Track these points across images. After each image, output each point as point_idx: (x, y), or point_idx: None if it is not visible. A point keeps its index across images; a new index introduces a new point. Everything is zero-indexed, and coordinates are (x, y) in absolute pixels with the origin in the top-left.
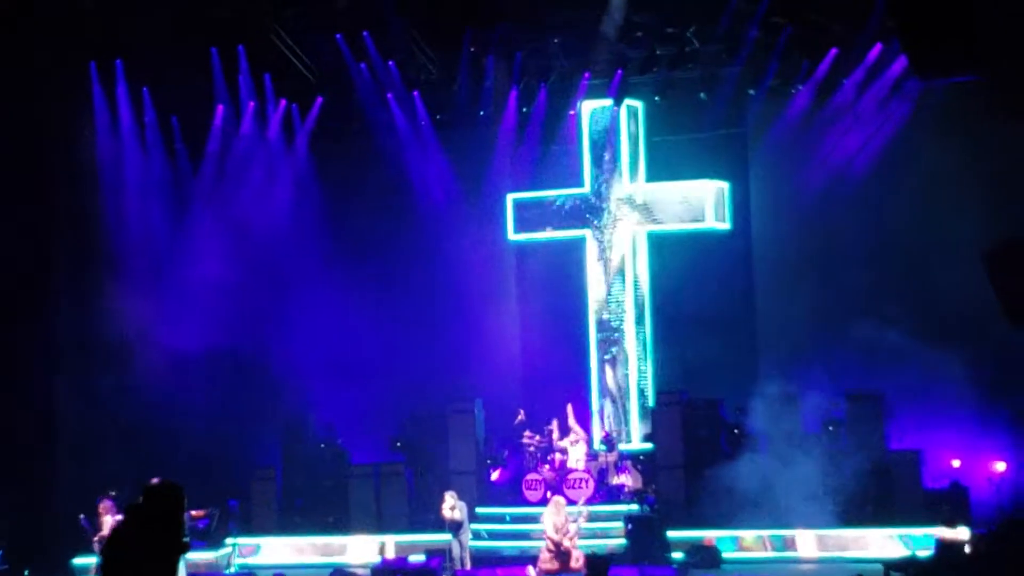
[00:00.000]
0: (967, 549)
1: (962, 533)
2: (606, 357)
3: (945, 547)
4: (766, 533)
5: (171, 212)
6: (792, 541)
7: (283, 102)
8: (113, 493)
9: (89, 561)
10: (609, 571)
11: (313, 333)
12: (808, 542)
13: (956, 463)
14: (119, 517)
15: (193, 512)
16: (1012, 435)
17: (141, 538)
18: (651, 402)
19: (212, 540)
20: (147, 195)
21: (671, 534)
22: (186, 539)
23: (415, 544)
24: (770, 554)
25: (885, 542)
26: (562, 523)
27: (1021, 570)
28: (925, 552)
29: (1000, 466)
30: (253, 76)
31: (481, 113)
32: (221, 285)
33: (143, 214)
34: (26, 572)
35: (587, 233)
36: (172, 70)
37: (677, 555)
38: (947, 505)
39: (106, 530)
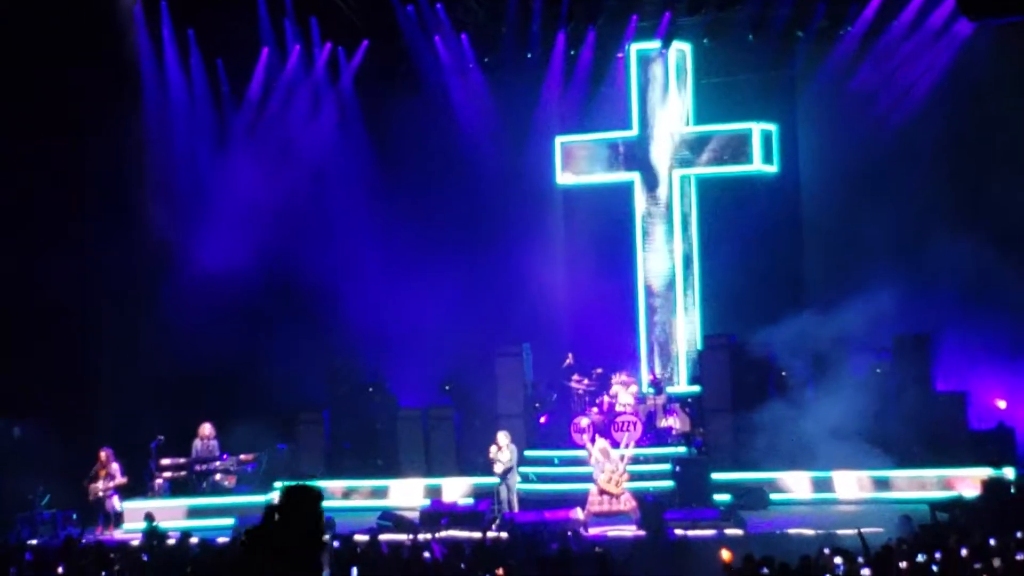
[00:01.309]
0: (1012, 490)
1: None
2: (654, 300)
3: (991, 488)
4: (813, 475)
5: (215, 151)
6: (839, 483)
7: (328, 45)
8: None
9: (134, 505)
10: (664, 516)
11: (359, 277)
12: (854, 483)
13: (1002, 404)
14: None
15: (241, 456)
16: None
17: (285, 537)
18: (699, 345)
19: (260, 484)
20: (193, 136)
21: (718, 476)
22: (326, 536)
23: (464, 487)
24: (817, 495)
25: (931, 483)
26: (611, 466)
27: None
28: (971, 493)
29: None
30: (299, 19)
31: (528, 56)
32: (266, 226)
33: (187, 153)
34: (73, 515)
35: (635, 176)
36: (218, 12)
37: (724, 497)
38: (993, 446)
39: (103, 473)
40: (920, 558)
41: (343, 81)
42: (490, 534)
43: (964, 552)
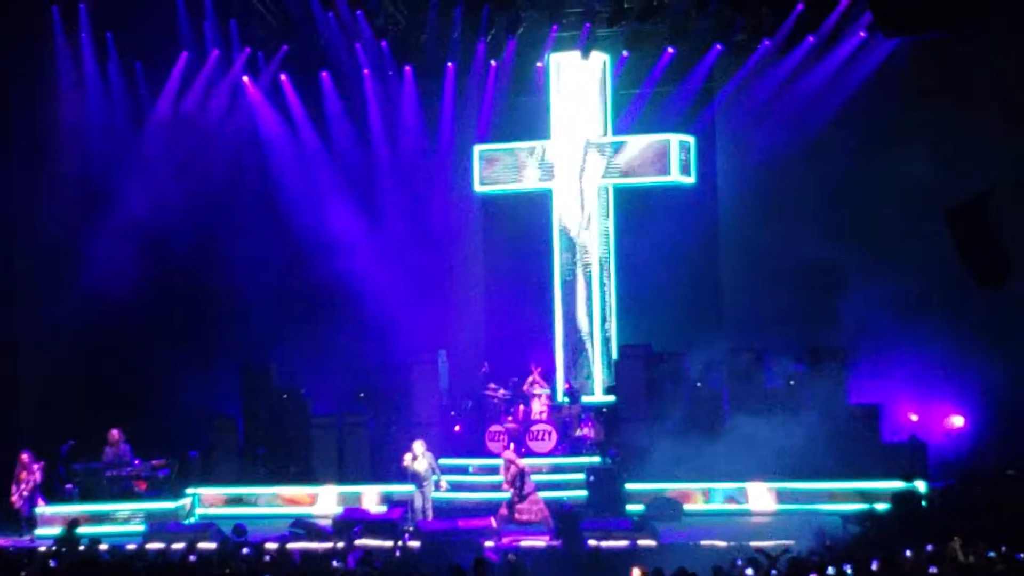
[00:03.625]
0: (924, 503)
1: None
2: (571, 310)
3: (902, 500)
4: (726, 486)
5: (130, 151)
6: (752, 494)
7: (248, 49)
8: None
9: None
10: (580, 526)
11: (271, 282)
12: (768, 495)
13: (914, 417)
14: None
15: (153, 462)
16: (970, 391)
17: None
18: (615, 355)
19: (172, 490)
20: (111, 140)
21: (632, 487)
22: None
23: (380, 495)
24: (731, 507)
25: (844, 495)
26: (516, 476)
27: (977, 523)
28: (882, 505)
29: (958, 421)
30: (219, 23)
31: (449, 64)
32: (181, 229)
33: (103, 156)
34: None
35: (553, 185)
36: (137, 16)
37: (638, 507)
38: (905, 459)
39: (24, 475)
40: (830, 571)
41: (261, 85)
42: (402, 543)
43: (875, 565)
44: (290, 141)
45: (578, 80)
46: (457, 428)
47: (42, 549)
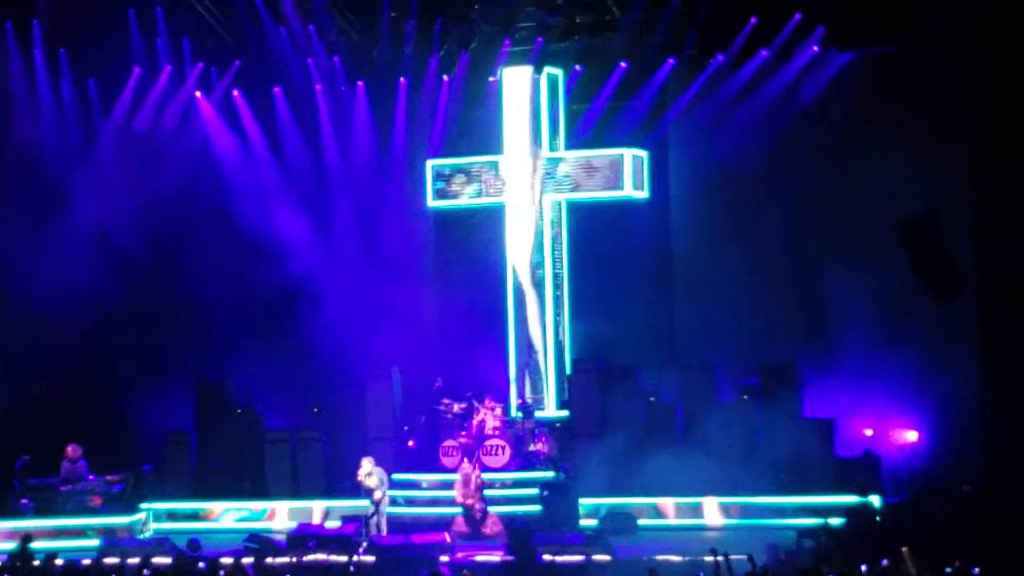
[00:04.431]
0: (878, 518)
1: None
2: (524, 324)
3: (856, 515)
4: (680, 501)
5: (83, 166)
6: (706, 509)
7: (200, 65)
8: None
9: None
10: (533, 541)
11: (229, 297)
12: (722, 510)
13: (869, 432)
14: None
15: (108, 477)
16: (924, 405)
17: None
18: (568, 369)
19: (126, 505)
20: (63, 155)
21: (586, 501)
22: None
23: (334, 510)
24: (684, 521)
25: (798, 510)
26: (470, 491)
27: (931, 538)
28: (837, 520)
29: (912, 435)
30: (171, 39)
31: (401, 79)
32: (135, 244)
33: (56, 171)
34: None
35: (506, 200)
36: (90, 32)
37: (591, 522)
38: (859, 473)
39: None
40: None
41: (214, 100)
42: (356, 558)
43: None
44: (243, 156)
45: (531, 95)
46: (411, 443)
47: None
